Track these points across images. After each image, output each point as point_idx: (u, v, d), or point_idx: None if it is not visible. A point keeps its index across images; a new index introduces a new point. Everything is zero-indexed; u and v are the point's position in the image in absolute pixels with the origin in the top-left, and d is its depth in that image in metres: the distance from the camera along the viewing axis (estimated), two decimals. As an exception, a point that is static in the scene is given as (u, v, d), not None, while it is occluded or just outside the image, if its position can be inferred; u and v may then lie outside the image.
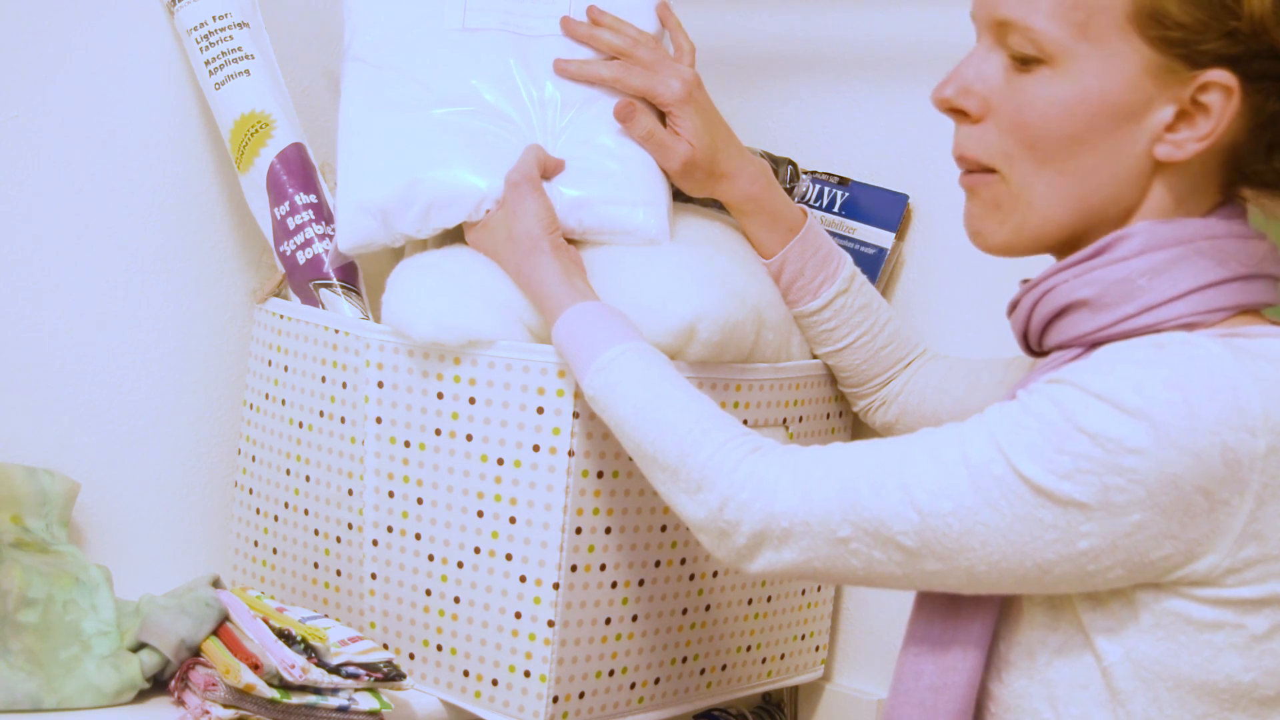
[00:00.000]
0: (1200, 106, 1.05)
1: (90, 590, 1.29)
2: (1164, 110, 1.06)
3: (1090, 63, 1.05)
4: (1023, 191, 1.10)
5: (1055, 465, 0.99)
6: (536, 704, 1.33)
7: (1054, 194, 1.09)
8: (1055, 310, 1.11)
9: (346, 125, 1.44)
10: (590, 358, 1.23)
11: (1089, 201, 1.09)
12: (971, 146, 1.12)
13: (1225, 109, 1.04)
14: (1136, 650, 1.03)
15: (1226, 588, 1.00)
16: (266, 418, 1.49)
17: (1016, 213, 1.11)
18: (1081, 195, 1.08)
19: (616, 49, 1.42)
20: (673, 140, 1.39)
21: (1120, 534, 0.99)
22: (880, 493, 1.04)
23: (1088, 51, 1.05)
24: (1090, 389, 0.99)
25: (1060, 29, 1.05)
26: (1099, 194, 1.08)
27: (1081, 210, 1.09)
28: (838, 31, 1.64)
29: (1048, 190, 1.09)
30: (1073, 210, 1.09)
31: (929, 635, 1.11)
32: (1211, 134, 1.05)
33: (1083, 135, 1.07)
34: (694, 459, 1.13)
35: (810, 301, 1.44)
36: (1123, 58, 1.05)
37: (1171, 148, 1.06)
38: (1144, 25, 1.04)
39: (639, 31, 1.43)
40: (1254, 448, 0.97)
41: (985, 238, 1.14)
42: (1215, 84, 1.04)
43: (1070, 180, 1.08)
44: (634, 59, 1.41)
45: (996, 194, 1.11)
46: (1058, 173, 1.08)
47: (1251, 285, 1.08)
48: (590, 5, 1.44)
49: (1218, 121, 1.05)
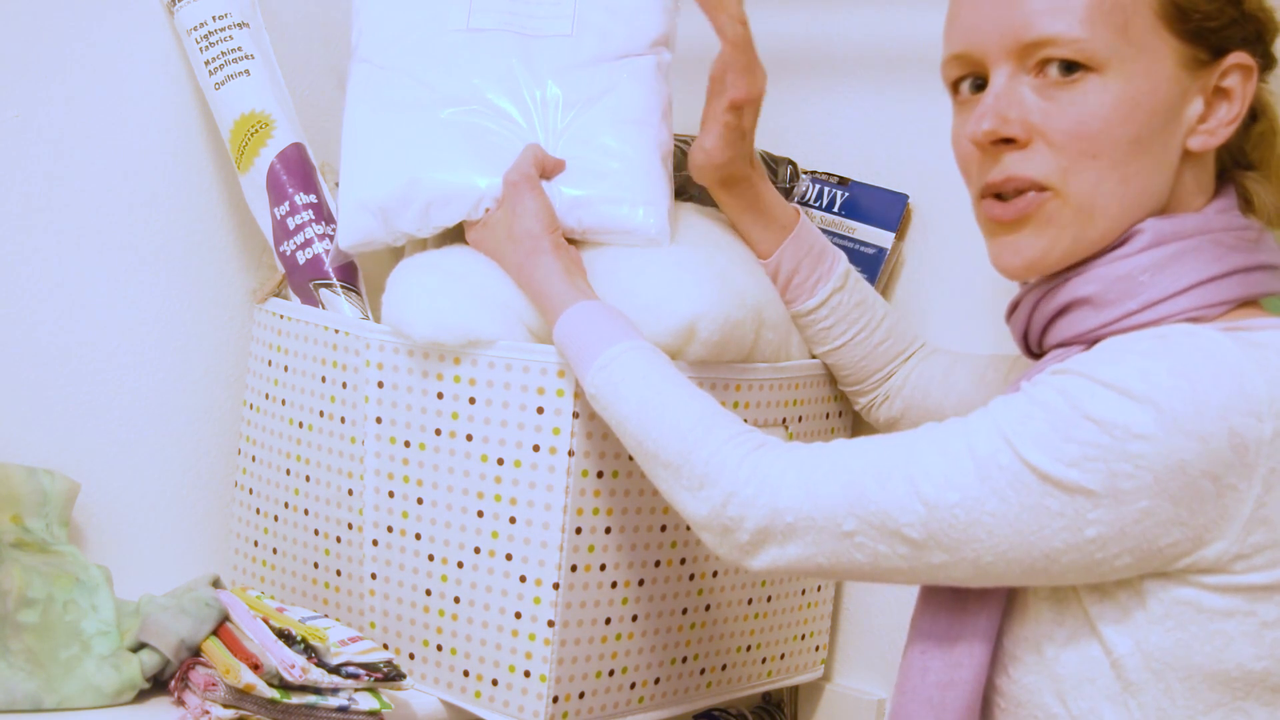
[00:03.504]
0: (1222, 92, 1.09)
1: (90, 590, 1.29)
2: (1196, 102, 1.09)
3: (1138, 64, 1.07)
4: (1083, 202, 1.09)
5: (1062, 453, 0.99)
6: (536, 704, 1.33)
7: (1115, 200, 1.09)
8: (1057, 309, 1.11)
9: (350, 125, 1.44)
10: (591, 356, 1.23)
11: (1142, 203, 1.10)
12: (1025, 168, 1.10)
13: (1247, 89, 1.09)
14: (1147, 641, 1.03)
15: (1236, 574, 1.00)
16: (266, 418, 1.49)
17: (1075, 226, 1.10)
18: (1138, 197, 1.09)
19: (742, 18, 1.35)
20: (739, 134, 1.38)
21: (1128, 521, 0.99)
22: (885, 485, 1.04)
23: (1133, 53, 1.07)
24: (1097, 377, 1.00)
25: (1104, 35, 1.07)
26: (1150, 193, 1.10)
27: (1135, 213, 1.10)
28: (838, 31, 1.64)
29: (1110, 198, 1.09)
30: (1130, 213, 1.09)
31: (935, 631, 1.11)
32: (1238, 117, 1.09)
33: (1142, 136, 1.08)
34: (696, 456, 1.13)
35: (807, 300, 1.44)
36: (1161, 55, 1.08)
37: (1206, 137, 1.09)
38: (1172, 20, 1.07)
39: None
40: (1260, 432, 0.98)
41: (1039, 260, 1.11)
42: (1237, 66, 1.08)
43: (1131, 185, 1.09)
44: (748, 35, 1.36)
45: (1050, 212, 1.10)
46: (1121, 179, 1.08)
47: (1251, 277, 1.09)
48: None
49: (1242, 103, 1.09)
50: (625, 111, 1.42)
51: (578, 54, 1.44)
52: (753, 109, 1.38)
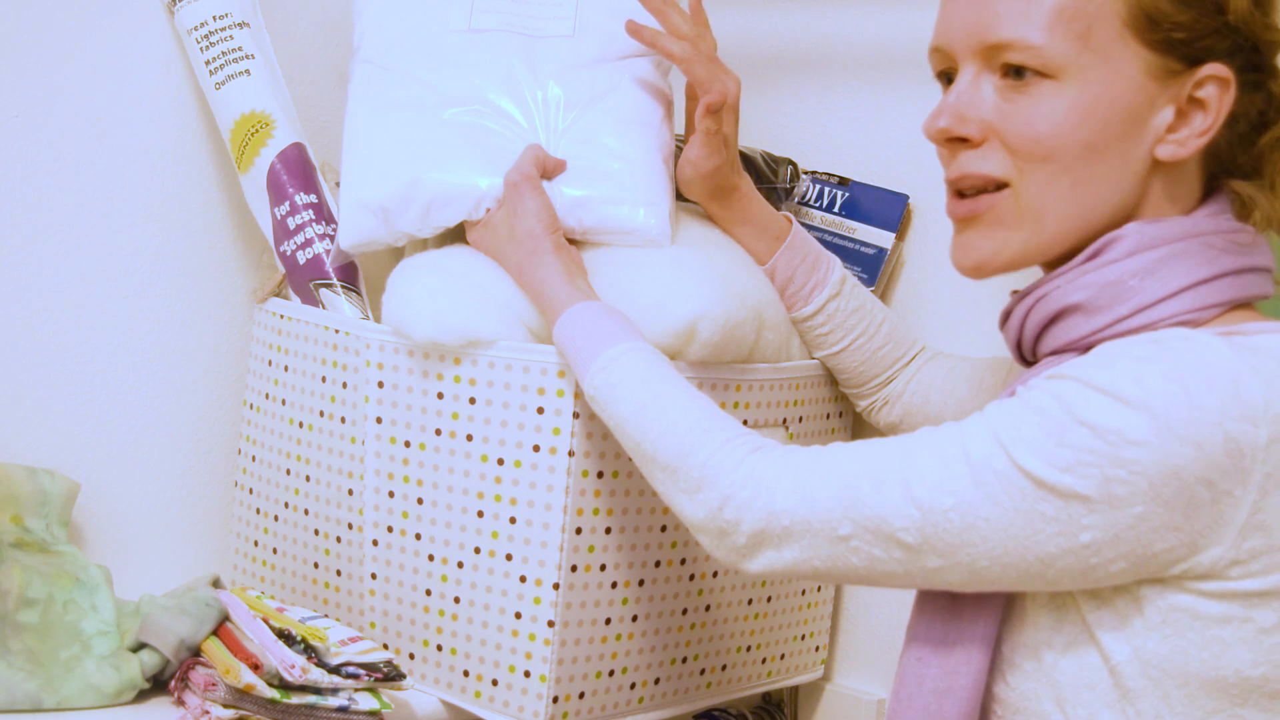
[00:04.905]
0: (1197, 103, 1.08)
1: (90, 590, 1.29)
2: (1165, 111, 1.08)
3: (1097, 71, 1.07)
4: (1033, 204, 1.10)
5: (1056, 458, 0.99)
6: (536, 704, 1.33)
7: (1066, 204, 1.09)
8: (1049, 316, 1.11)
9: (352, 125, 1.44)
10: (591, 357, 1.23)
11: (1097, 208, 1.10)
12: (980, 166, 1.11)
13: (1222, 101, 1.07)
14: (1144, 648, 1.03)
15: (1232, 580, 1.00)
16: (266, 418, 1.49)
17: (1025, 227, 1.11)
18: (1092, 203, 1.09)
19: (685, 34, 1.37)
20: (721, 140, 1.38)
21: (1123, 526, 0.99)
22: (881, 490, 1.04)
23: (1093, 60, 1.07)
24: (1091, 382, 0.99)
25: (1063, 42, 1.07)
26: (1107, 200, 1.10)
27: (1090, 218, 1.10)
28: (838, 31, 1.64)
29: (1059, 201, 1.09)
30: (1083, 218, 1.10)
31: (931, 637, 1.11)
32: (1211, 128, 1.08)
33: (1097, 142, 1.08)
34: (693, 459, 1.13)
35: (803, 308, 1.44)
36: (1125, 63, 1.07)
37: (1175, 147, 1.08)
38: (1141, 29, 1.06)
39: (703, 26, 1.41)
40: (1256, 438, 0.97)
41: (989, 260, 1.13)
42: (1212, 78, 1.07)
43: (1083, 190, 1.09)
44: (698, 48, 1.37)
45: (1003, 212, 1.11)
46: (1072, 183, 1.09)
47: (1242, 279, 1.09)
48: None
49: (1216, 115, 1.07)
50: (626, 112, 1.42)
51: (579, 54, 1.44)
52: (731, 114, 1.38)
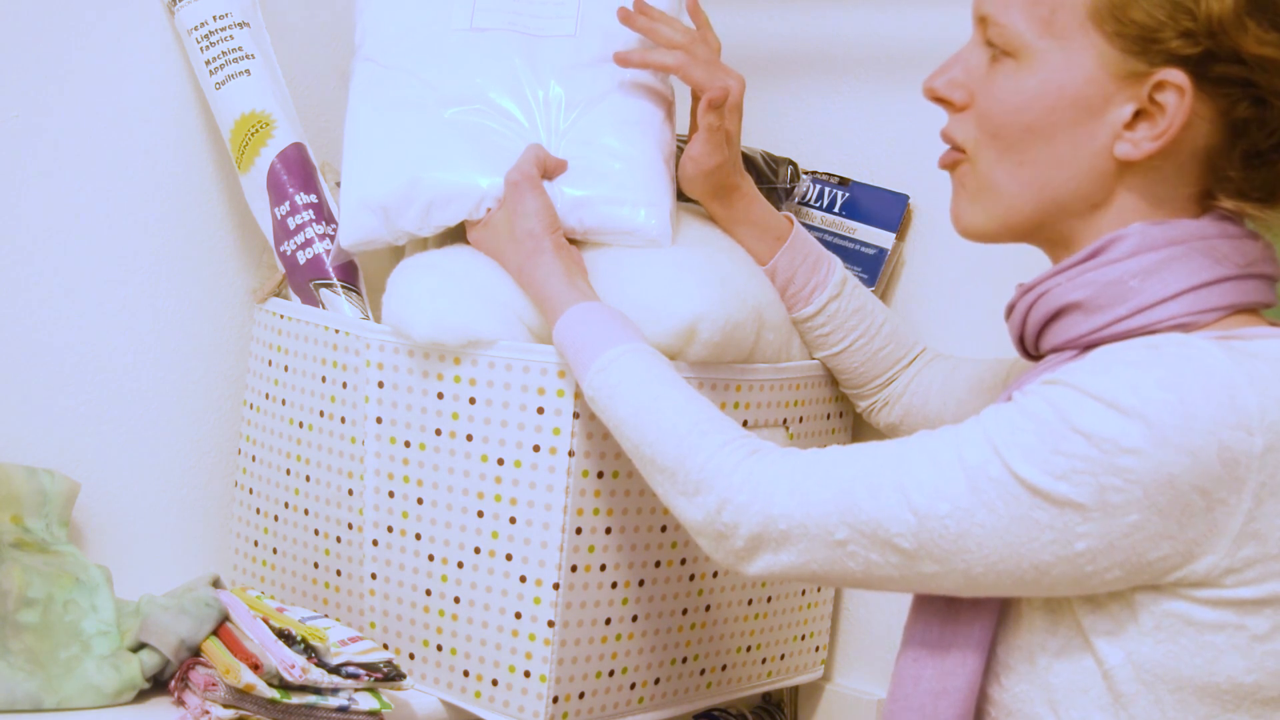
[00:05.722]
0: (1158, 106, 1.06)
1: (90, 590, 1.29)
2: (1124, 108, 1.07)
3: (1052, 56, 1.08)
4: (985, 177, 1.13)
5: (1051, 466, 0.99)
6: (536, 704, 1.33)
7: (1014, 183, 1.11)
8: (1050, 313, 1.11)
9: (353, 124, 1.44)
10: (590, 358, 1.23)
11: (1049, 193, 1.10)
12: (954, 129, 1.15)
13: (1179, 110, 1.05)
14: (1138, 653, 1.02)
15: (1226, 588, 1.00)
16: (266, 418, 1.49)
17: (981, 199, 1.13)
18: (1041, 186, 1.10)
19: (677, 44, 1.39)
20: (724, 137, 1.38)
21: (1117, 534, 0.98)
22: (877, 495, 1.04)
23: (1050, 46, 1.08)
24: (1086, 389, 0.99)
25: (1026, 24, 1.08)
26: (1060, 187, 1.10)
27: (1043, 201, 1.11)
28: (838, 31, 1.64)
29: (1007, 178, 1.11)
30: (1034, 200, 1.11)
31: (928, 639, 1.11)
32: (1165, 134, 1.06)
33: (1039, 127, 1.09)
34: (692, 461, 1.13)
35: (803, 308, 1.44)
36: (1083, 53, 1.07)
37: (1130, 146, 1.07)
38: (1104, 22, 1.06)
39: (693, 30, 1.41)
40: (1250, 446, 0.97)
41: (961, 221, 1.16)
42: (1169, 84, 1.05)
43: (1030, 171, 1.10)
44: (693, 54, 1.39)
45: (966, 180, 1.15)
46: (1017, 163, 1.10)
47: (1245, 285, 1.08)
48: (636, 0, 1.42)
49: (1171, 122, 1.05)
50: (628, 112, 1.42)
51: (581, 54, 1.44)
52: (734, 112, 1.38)
